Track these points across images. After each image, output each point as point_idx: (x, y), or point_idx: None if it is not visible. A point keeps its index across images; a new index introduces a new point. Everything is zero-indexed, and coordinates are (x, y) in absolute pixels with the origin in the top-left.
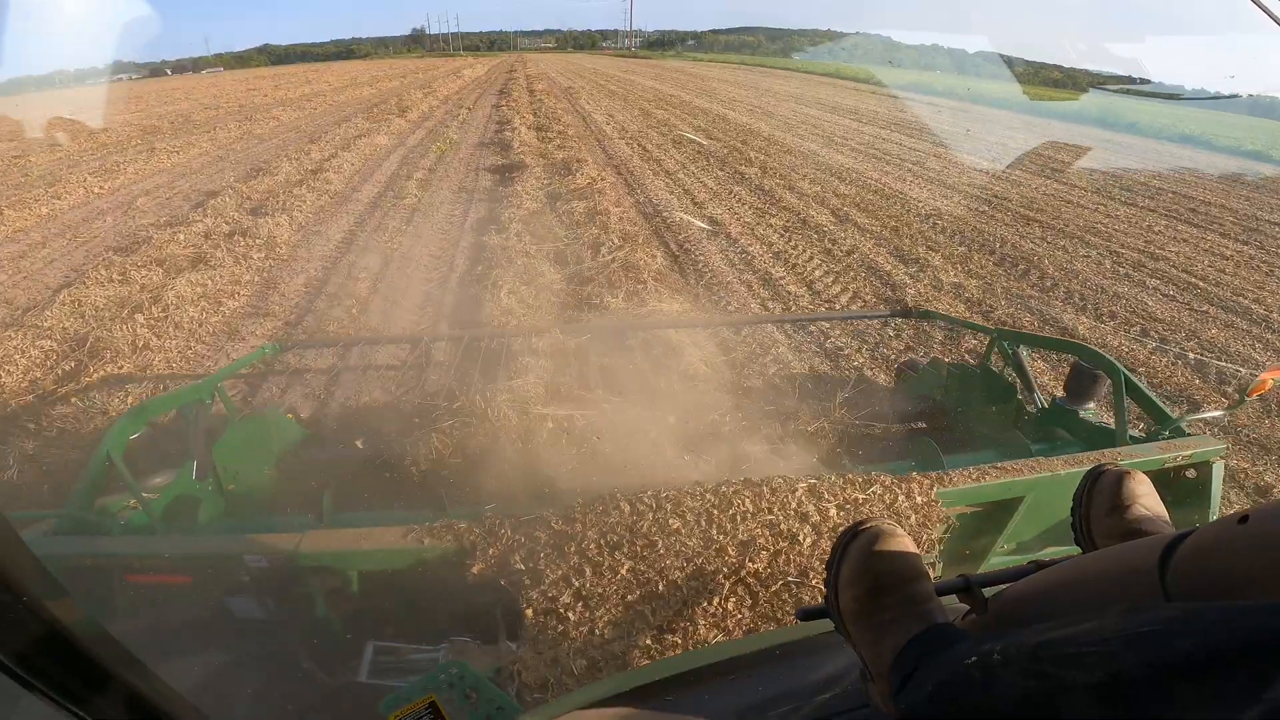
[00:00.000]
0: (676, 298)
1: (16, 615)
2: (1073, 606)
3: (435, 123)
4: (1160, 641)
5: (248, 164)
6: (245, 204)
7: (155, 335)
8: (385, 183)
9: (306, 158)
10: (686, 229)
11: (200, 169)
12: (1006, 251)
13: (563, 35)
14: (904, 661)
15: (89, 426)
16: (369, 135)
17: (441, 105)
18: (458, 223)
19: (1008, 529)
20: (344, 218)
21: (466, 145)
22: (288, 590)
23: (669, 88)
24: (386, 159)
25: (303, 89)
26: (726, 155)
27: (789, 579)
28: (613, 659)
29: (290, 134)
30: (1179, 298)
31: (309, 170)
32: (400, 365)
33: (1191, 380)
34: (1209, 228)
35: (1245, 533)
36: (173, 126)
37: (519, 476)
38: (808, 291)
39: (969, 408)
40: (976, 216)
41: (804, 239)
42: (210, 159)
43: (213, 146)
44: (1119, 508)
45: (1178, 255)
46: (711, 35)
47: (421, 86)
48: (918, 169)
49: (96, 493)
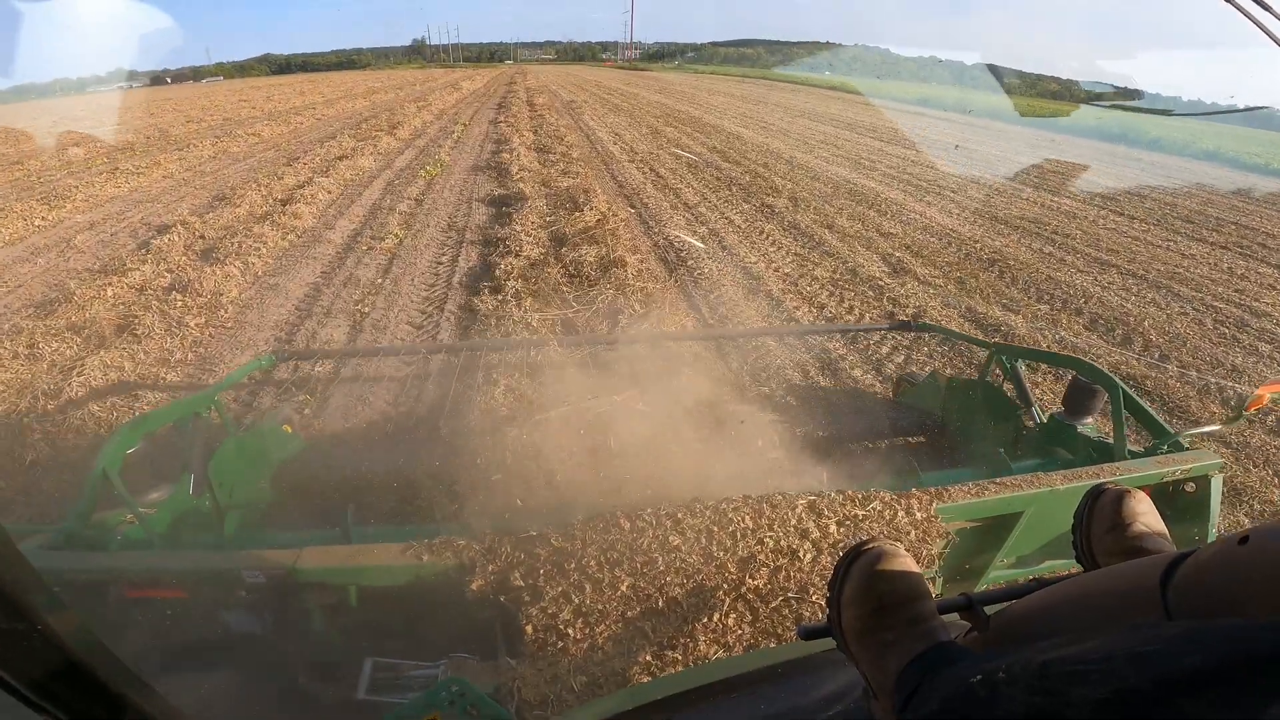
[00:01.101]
0: (726, 397)
1: (17, 630)
2: (1076, 624)
3: (427, 141)
4: (1165, 659)
5: (213, 190)
6: (196, 244)
7: (50, 444)
8: (364, 217)
9: (279, 183)
10: (718, 283)
11: (159, 195)
12: (1094, 309)
13: (563, 47)
14: (907, 679)
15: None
16: (353, 156)
17: (435, 121)
18: (444, 276)
19: (1007, 544)
20: (309, 265)
21: (460, 169)
22: (286, 606)
23: (675, 102)
24: (369, 186)
25: (294, 101)
26: (750, 182)
27: (789, 595)
28: (613, 676)
29: (269, 152)
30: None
31: (278, 200)
32: (400, 378)
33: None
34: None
35: (1246, 552)
36: (146, 142)
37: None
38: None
39: (967, 422)
40: (1044, 260)
41: (858, 297)
42: (174, 182)
43: (180, 168)
44: (1120, 526)
45: (1275, 308)
46: (711, 47)
47: (416, 100)
48: (959, 197)
49: (93, 508)
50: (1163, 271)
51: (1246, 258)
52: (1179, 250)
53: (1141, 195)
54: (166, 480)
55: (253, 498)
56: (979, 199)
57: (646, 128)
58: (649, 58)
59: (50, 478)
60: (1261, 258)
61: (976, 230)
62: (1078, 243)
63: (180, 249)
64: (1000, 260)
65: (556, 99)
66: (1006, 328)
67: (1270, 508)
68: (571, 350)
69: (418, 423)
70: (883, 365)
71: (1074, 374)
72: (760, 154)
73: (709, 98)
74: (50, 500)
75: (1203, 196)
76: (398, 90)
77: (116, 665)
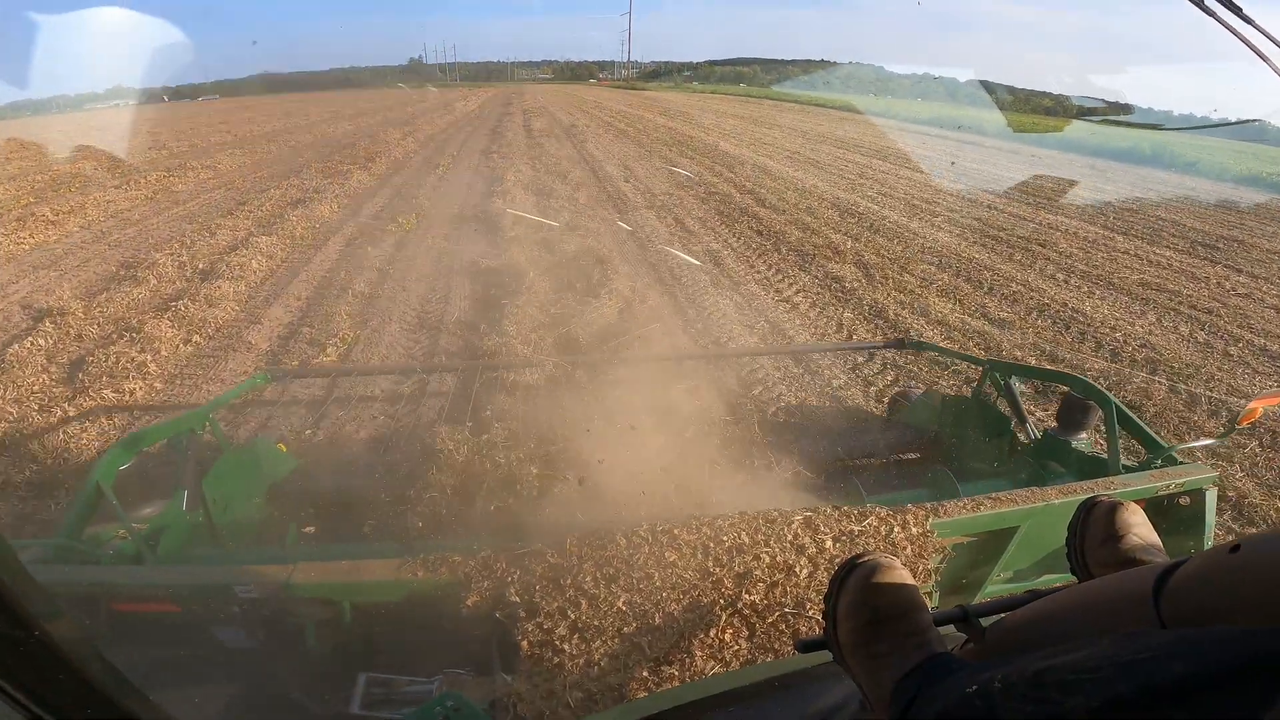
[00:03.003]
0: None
1: (15, 636)
2: (1070, 634)
3: (407, 178)
4: (1156, 667)
5: (126, 253)
6: (63, 353)
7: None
8: (305, 303)
9: (208, 242)
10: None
11: (60, 258)
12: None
13: (559, 66)
14: (903, 691)
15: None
16: (312, 202)
17: (420, 150)
18: (405, 429)
19: (1003, 558)
20: (205, 399)
21: (441, 219)
22: (278, 621)
23: (683, 125)
24: (323, 246)
25: (276, 123)
26: (800, 239)
27: (786, 610)
28: (609, 691)
29: (217, 193)
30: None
31: (197, 272)
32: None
33: None
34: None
35: (1237, 561)
36: (85, 177)
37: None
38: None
39: (962, 439)
40: (1214, 357)
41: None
42: (91, 236)
43: (102, 215)
44: (1113, 537)
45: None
46: (708, 67)
47: (404, 124)
48: (1064, 263)
49: (86, 522)
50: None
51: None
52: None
53: (1230, 242)
54: (160, 497)
55: (247, 513)
56: (1083, 264)
57: (659, 159)
58: (646, 77)
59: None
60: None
61: (1110, 309)
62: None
63: (40, 362)
64: (1187, 379)
65: (556, 123)
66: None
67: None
68: (569, 368)
69: (408, 441)
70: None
71: (1068, 390)
72: (796, 194)
73: (716, 120)
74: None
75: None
76: (387, 111)
77: (113, 673)
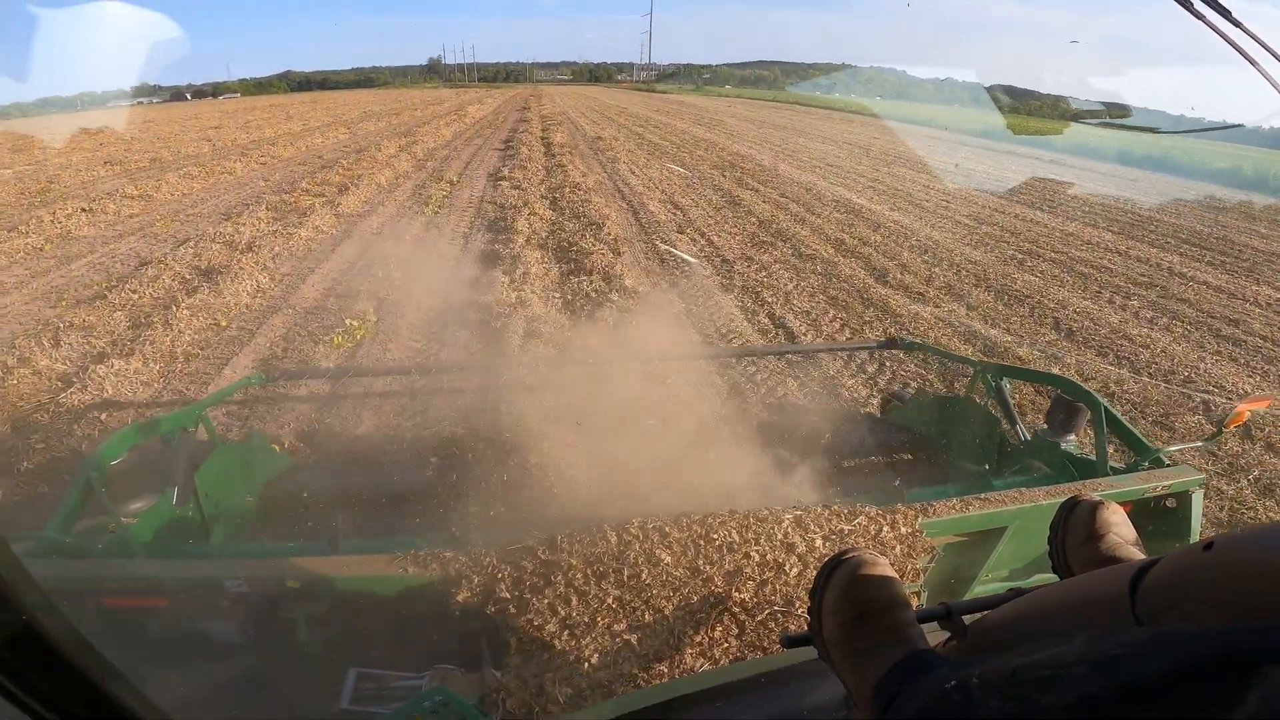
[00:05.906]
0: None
1: (7, 628)
2: (1048, 631)
3: (383, 220)
4: (1129, 664)
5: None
6: None
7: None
8: None
9: (42, 359)
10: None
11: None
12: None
13: (579, 67)
14: (886, 686)
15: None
16: (229, 275)
17: (414, 173)
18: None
19: (992, 558)
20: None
21: (413, 311)
22: (269, 615)
23: (722, 138)
24: (219, 372)
25: (271, 129)
26: (1001, 355)
27: (775, 608)
28: (598, 687)
29: (128, 240)
30: None
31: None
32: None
33: None
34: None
35: (1210, 559)
36: (29, 200)
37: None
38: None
39: (953, 440)
40: None
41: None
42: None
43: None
44: (1094, 537)
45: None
46: (726, 69)
47: (404, 134)
48: (1222, 328)
49: (76, 516)
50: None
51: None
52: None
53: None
54: (151, 492)
55: (239, 509)
56: (1228, 323)
57: (711, 188)
58: (663, 78)
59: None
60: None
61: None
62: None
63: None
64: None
65: (579, 133)
66: None
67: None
68: (565, 372)
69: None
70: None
71: (1057, 391)
72: (916, 253)
73: (755, 130)
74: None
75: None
76: (394, 115)
77: (104, 665)
